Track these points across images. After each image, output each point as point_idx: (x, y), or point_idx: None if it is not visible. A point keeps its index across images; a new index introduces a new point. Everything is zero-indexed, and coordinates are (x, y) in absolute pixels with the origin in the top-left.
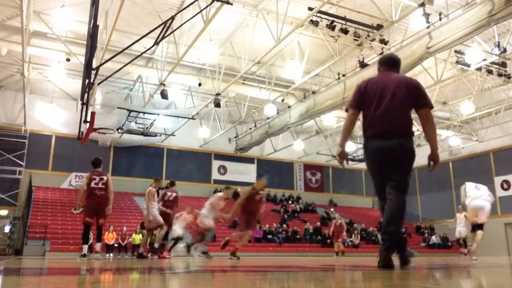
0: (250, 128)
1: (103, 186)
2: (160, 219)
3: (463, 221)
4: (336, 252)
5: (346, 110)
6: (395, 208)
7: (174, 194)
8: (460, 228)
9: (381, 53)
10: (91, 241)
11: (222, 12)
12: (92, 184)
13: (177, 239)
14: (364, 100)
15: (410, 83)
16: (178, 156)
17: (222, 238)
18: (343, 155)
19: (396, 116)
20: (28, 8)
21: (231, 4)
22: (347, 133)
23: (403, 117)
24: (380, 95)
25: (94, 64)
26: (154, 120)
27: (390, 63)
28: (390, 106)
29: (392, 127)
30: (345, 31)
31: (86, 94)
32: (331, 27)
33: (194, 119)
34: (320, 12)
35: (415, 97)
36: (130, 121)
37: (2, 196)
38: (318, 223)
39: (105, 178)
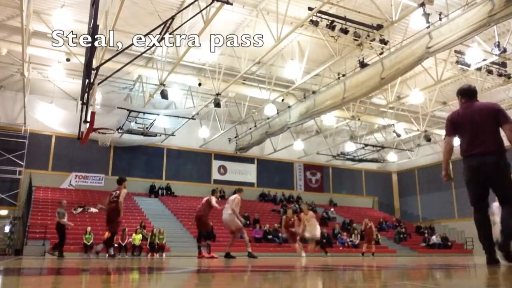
0: (250, 128)
1: (115, 199)
2: (240, 224)
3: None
4: (362, 252)
5: (445, 138)
6: (509, 221)
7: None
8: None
9: (381, 53)
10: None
11: (222, 12)
12: (109, 199)
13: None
14: (457, 128)
15: (492, 108)
16: (178, 156)
17: None
18: (447, 176)
19: (488, 138)
20: (28, 8)
21: (231, 4)
22: (447, 156)
23: (493, 138)
24: (471, 122)
25: (94, 64)
26: (154, 120)
27: (470, 94)
28: (481, 131)
29: (486, 148)
30: (345, 31)
31: (86, 94)
32: (331, 27)
33: (194, 119)
34: (320, 12)
35: (497, 118)
36: (130, 121)
37: (2, 196)
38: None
39: (117, 192)
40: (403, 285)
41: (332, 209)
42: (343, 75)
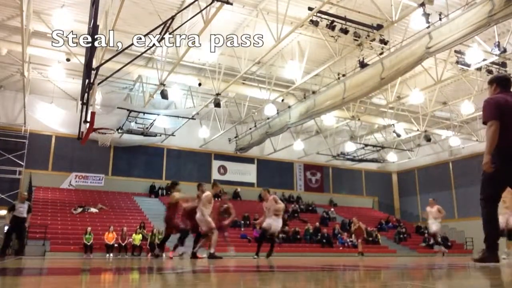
0: (250, 128)
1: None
2: (211, 223)
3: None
4: (358, 252)
5: (485, 123)
6: None
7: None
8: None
9: (381, 53)
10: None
11: (222, 12)
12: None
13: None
14: (501, 115)
15: None
16: (178, 156)
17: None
18: (489, 165)
19: None
20: (28, 8)
21: (231, 4)
22: (495, 143)
23: None
24: None
25: (94, 64)
26: (154, 120)
27: (508, 84)
28: None
29: None
30: (345, 31)
31: (86, 94)
32: (331, 27)
33: (194, 119)
34: (320, 12)
35: None
36: (130, 121)
37: (2, 196)
38: (317, 223)
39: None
40: (403, 285)
41: (332, 209)
42: (343, 75)
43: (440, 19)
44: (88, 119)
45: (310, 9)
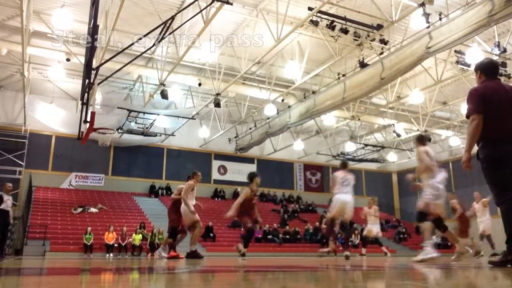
0: (250, 128)
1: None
2: (195, 217)
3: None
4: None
5: (468, 117)
6: None
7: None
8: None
9: (381, 53)
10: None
11: (222, 12)
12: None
13: None
14: (488, 106)
15: None
16: (178, 156)
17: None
18: (469, 162)
19: None
20: (28, 8)
21: (231, 4)
22: (475, 139)
23: None
24: (505, 102)
25: (94, 64)
26: (154, 120)
27: (495, 71)
28: None
29: None
30: (345, 31)
31: (86, 94)
32: (331, 27)
33: (194, 119)
34: (320, 12)
35: None
36: (130, 121)
37: None
38: (317, 223)
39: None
40: (403, 285)
41: None
42: (343, 75)
43: (440, 19)
44: (88, 119)
45: (310, 9)
